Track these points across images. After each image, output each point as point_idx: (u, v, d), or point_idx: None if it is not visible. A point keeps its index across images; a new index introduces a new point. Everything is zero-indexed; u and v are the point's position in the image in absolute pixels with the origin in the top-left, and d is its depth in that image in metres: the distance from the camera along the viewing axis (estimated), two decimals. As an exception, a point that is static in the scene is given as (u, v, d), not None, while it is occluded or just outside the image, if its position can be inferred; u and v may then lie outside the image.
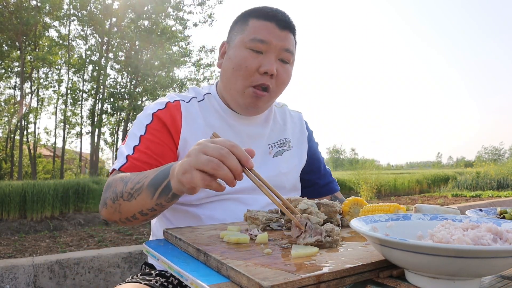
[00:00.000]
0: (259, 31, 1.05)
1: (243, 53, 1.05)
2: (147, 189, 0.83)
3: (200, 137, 1.06)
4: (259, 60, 1.05)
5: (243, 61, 1.05)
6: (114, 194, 0.90)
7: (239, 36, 1.08)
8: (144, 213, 0.87)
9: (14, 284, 2.93)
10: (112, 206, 0.90)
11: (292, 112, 1.35)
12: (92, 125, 13.83)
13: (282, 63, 1.08)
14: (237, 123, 1.15)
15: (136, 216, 0.89)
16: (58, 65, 14.46)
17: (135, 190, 0.85)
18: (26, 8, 12.15)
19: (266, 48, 1.05)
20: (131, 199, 0.86)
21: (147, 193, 0.83)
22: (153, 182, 0.82)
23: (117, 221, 0.93)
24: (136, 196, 0.85)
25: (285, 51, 1.07)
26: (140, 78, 14.10)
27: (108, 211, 0.92)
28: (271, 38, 1.04)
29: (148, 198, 0.83)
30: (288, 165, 1.22)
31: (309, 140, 1.32)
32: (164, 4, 13.63)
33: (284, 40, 1.06)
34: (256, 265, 0.57)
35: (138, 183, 0.85)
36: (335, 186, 1.36)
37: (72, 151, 18.93)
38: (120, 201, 0.88)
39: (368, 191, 11.44)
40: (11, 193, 6.16)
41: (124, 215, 0.90)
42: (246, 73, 1.05)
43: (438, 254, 0.46)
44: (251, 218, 0.88)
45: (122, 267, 3.30)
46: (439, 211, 0.85)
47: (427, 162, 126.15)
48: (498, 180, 14.85)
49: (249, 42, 1.05)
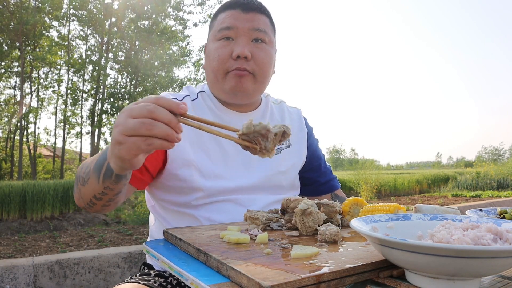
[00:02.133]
0: (224, 21, 1.08)
1: (215, 45, 1.08)
2: (93, 173, 0.82)
3: (193, 136, 1.06)
4: (230, 46, 1.06)
5: (215, 52, 1.07)
6: (76, 179, 0.91)
7: (210, 33, 1.13)
8: (98, 197, 0.86)
9: (14, 284, 2.93)
10: (76, 191, 0.92)
11: (291, 109, 1.33)
12: (92, 125, 13.83)
13: (256, 44, 1.08)
14: (232, 119, 1.13)
15: (92, 201, 0.88)
16: (58, 65, 14.45)
17: (86, 174, 0.85)
18: (26, 8, 12.14)
19: (234, 33, 1.07)
20: (85, 184, 0.86)
21: (94, 178, 0.82)
22: (96, 166, 0.81)
23: (85, 207, 0.93)
24: (87, 180, 0.84)
25: (255, 30, 1.07)
26: (140, 78, 14.10)
27: (75, 196, 0.93)
28: (236, 22, 1.06)
29: (95, 182, 0.82)
30: (286, 164, 1.20)
31: (308, 138, 1.30)
32: (164, 4, 13.62)
33: (251, 21, 1.07)
34: (256, 265, 0.57)
35: (87, 168, 0.85)
36: (336, 183, 1.34)
37: (72, 151, 18.92)
38: (79, 186, 0.89)
39: (368, 191, 11.43)
40: (11, 193, 6.16)
41: (85, 200, 0.90)
42: (220, 61, 1.06)
43: (438, 254, 0.46)
44: (251, 218, 0.88)
45: (122, 267, 3.30)
46: (439, 211, 0.85)
47: (427, 162, 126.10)
48: (498, 180, 14.85)
49: (218, 34, 1.08)
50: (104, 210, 0.93)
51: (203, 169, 1.05)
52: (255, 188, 1.11)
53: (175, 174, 1.04)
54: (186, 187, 1.05)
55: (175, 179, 1.05)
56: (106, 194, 0.84)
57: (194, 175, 1.04)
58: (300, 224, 0.79)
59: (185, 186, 1.04)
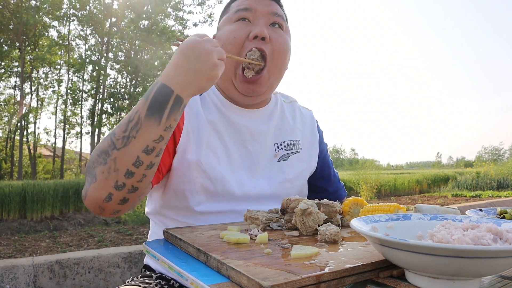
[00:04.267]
0: (241, 3, 1.02)
1: (230, 26, 1.01)
2: (149, 118, 0.76)
3: (199, 132, 1.00)
4: (248, 28, 0.99)
5: (231, 33, 1.00)
6: (102, 155, 0.79)
7: (222, 19, 1.07)
8: (150, 148, 0.78)
9: (14, 284, 2.93)
10: (104, 169, 0.78)
11: (303, 110, 1.24)
12: (92, 125, 13.84)
13: (274, 28, 1.02)
14: (237, 116, 1.06)
15: (140, 159, 0.78)
16: (58, 65, 14.46)
17: (131, 128, 0.77)
18: (26, 8, 12.15)
19: (252, 15, 1.00)
20: (129, 141, 0.77)
21: (151, 122, 0.77)
22: (154, 107, 0.77)
23: (112, 191, 0.79)
24: (135, 133, 0.77)
25: (273, 14, 1.02)
26: (140, 78, 14.10)
27: (99, 181, 0.78)
28: (256, 5, 1.01)
29: (153, 126, 0.77)
30: (294, 171, 1.12)
31: (320, 143, 1.23)
32: (164, 4, 13.63)
33: (269, 6, 1.02)
34: (256, 265, 0.57)
35: (131, 121, 0.78)
36: (343, 192, 1.29)
37: (72, 151, 18.93)
38: (114, 155, 0.77)
39: (368, 191, 11.44)
40: (11, 193, 6.16)
41: (123, 169, 0.77)
42: (236, 43, 0.99)
43: (438, 254, 0.46)
44: (251, 218, 0.88)
45: (122, 267, 3.30)
46: (439, 211, 0.85)
47: (427, 162, 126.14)
48: (498, 180, 14.86)
49: (234, 16, 1.01)
50: (133, 193, 0.81)
51: (209, 171, 1.00)
52: (260, 198, 1.06)
53: (180, 175, 0.99)
54: (188, 190, 0.99)
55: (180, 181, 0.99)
56: (162, 138, 0.79)
57: (199, 177, 0.99)
58: (300, 224, 0.79)
59: (188, 189, 0.99)
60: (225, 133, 1.04)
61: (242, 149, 1.06)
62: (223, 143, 1.04)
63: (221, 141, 1.03)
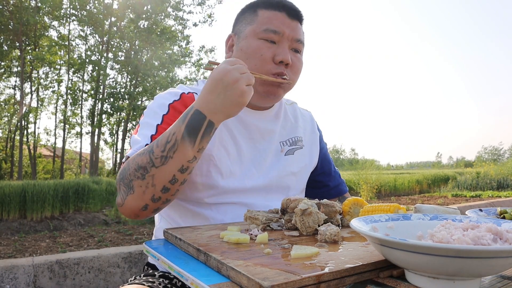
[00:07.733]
0: (271, 22, 1.06)
1: (257, 43, 1.06)
2: (184, 140, 0.83)
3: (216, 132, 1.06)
4: (273, 49, 1.06)
5: (257, 51, 1.05)
6: (141, 170, 0.86)
7: (249, 27, 1.09)
8: (184, 168, 0.86)
9: (14, 284, 2.93)
10: (142, 183, 0.86)
11: (303, 111, 1.33)
12: (92, 125, 13.83)
13: (294, 53, 1.10)
14: (247, 117, 1.13)
15: (175, 177, 0.86)
16: (58, 65, 14.45)
17: (168, 149, 0.84)
18: (26, 8, 12.14)
19: (279, 38, 1.06)
20: (166, 160, 0.84)
21: (186, 144, 0.84)
22: (189, 131, 0.84)
23: (149, 203, 0.88)
24: (172, 154, 0.84)
25: (296, 41, 1.09)
26: (140, 78, 14.10)
27: (137, 194, 0.87)
28: (284, 28, 1.06)
29: (188, 148, 0.84)
30: (299, 165, 1.20)
31: (320, 141, 1.31)
32: (164, 4, 13.62)
33: (295, 30, 1.08)
34: (256, 265, 0.57)
35: (169, 143, 0.84)
36: (344, 187, 1.36)
37: (72, 151, 18.93)
38: (152, 171, 0.85)
39: (368, 191, 11.43)
40: (11, 193, 6.16)
41: (160, 185, 0.86)
42: (261, 62, 1.05)
43: (438, 254, 0.46)
44: (251, 218, 0.88)
45: (122, 267, 3.30)
46: (439, 211, 0.85)
47: (427, 162, 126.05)
48: (498, 180, 14.86)
49: (262, 33, 1.06)
50: (166, 203, 0.91)
51: (221, 166, 1.05)
52: (268, 190, 1.12)
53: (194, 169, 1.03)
54: (200, 183, 1.04)
55: (193, 174, 1.04)
56: (195, 159, 0.87)
57: (212, 171, 1.04)
58: (300, 224, 0.79)
59: (200, 182, 1.04)
60: (236, 131, 1.11)
61: (251, 146, 1.14)
62: (234, 140, 1.10)
63: (232, 138, 1.10)
